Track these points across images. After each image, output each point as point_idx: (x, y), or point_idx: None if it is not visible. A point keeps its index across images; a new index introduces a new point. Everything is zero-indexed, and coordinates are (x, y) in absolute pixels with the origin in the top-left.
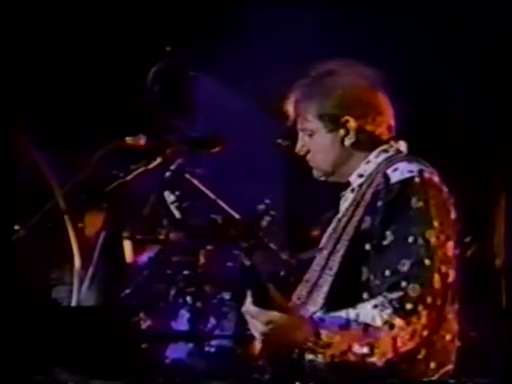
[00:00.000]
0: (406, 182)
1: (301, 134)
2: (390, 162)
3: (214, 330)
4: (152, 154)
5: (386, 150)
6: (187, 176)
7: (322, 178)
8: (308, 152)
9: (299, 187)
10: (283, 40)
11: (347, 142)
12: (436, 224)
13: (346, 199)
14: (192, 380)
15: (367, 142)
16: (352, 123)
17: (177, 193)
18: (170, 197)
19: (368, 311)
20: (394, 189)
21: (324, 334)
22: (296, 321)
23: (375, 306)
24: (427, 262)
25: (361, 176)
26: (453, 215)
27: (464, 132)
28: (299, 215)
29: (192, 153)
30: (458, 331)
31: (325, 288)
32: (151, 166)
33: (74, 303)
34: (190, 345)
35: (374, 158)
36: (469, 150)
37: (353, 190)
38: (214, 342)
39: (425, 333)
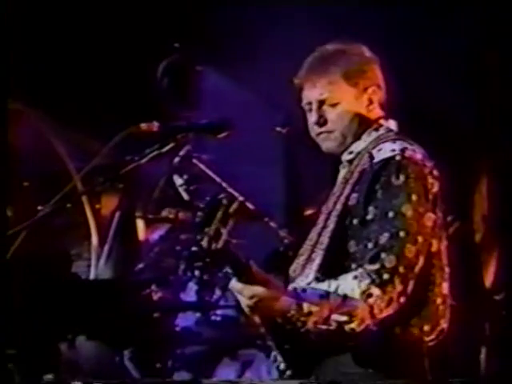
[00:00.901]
0: (388, 161)
1: (316, 107)
2: (378, 141)
3: (219, 300)
4: (164, 138)
5: (376, 129)
6: (195, 161)
7: (333, 151)
8: (325, 123)
9: (296, 169)
10: (282, 35)
11: (366, 111)
12: (414, 198)
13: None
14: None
15: (367, 119)
16: (373, 95)
17: (185, 176)
18: (178, 180)
19: (348, 282)
20: (377, 167)
21: (305, 304)
22: (278, 293)
23: (355, 277)
24: (402, 234)
25: (351, 153)
26: (435, 188)
27: (450, 116)
28: (296, 196)
29: (201, 137)
30: (448, 292)
31: (316, 261)
32: (164, 149)
33: (91, 276)
34: (198, 314)
35: (366, 137)
36: (455, 133)
37: (344, 167)
38: (219, 312)
39: (401, 299)
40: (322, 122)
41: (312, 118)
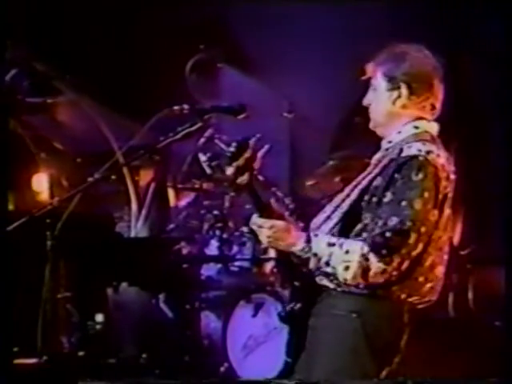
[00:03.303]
0: (412, 158)
1: (370, 90)
2: (413, 138)
3: (236, 254)
4: (193, 119)
5: (416, 127)
6: (216, 141)
7: (373, 128)
8: (370, 104)
9: (299, 148)
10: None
11: (397, 104)
12: (426, 195)
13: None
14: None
15: (409, 113)
16: (404, 90)
17: (208, 154)
18: (202, 157)
19: (353, 243)
20: (402, 161)
21: (314, 241)
22: (293, 227)
23: (361, 241)
24: (409, 222)
25: (390, 142)
26: (447, 190)
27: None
28: (298, 170)
29: (222, 121)
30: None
31: (334, 221)
32: (194, 128)
33: (131, 235)
34: (219, 265)
35: (405, 131)
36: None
37: (381, 151)
38: (236, 263)
39: (394, 273)
40: (367, 103)
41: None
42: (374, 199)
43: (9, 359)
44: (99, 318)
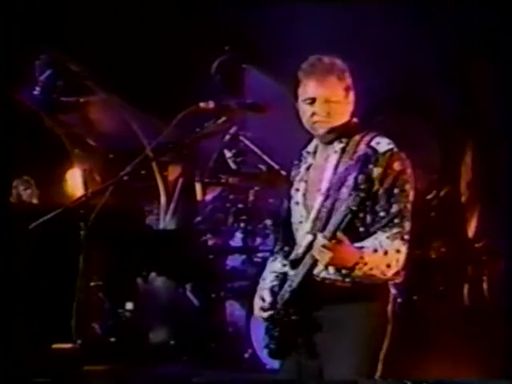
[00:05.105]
0: (391, 152)
1: (323, 102)
2: (363, 134)
3: (259, 246)
4: (218, 114)
5: (354, 124)
6: (241, 138)
7: (326, 135)
8: (328, 115)
9: None
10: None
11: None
12: (410, 179)
13: (327, 154)
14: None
15: (350, 114)
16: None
17: (233, 151)
18: (228, 153)
19: (384, 241)
20: (384, 156)
21: (365, 255)
22: (349, 244)
23: (388, 238)
24: (408, 205)
25: (341, 142)
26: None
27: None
28: None
29: (245, 119)
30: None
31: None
32: (219, 121)
33: (160, 227)
34: (243, 256)
35: (350, 130)
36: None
37: (335, 152)
38: (259, 255)
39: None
40: (325, 113)
41: (312, 109)
42: (362, 194)
43: (47, 344)
44: (129, 305)
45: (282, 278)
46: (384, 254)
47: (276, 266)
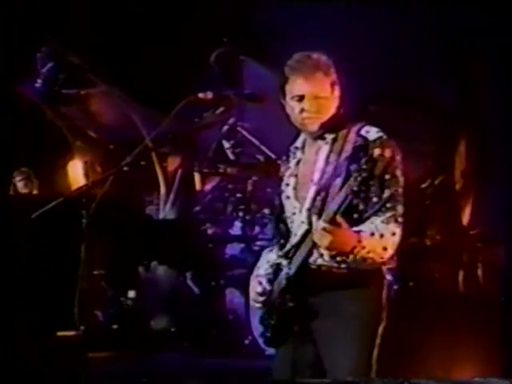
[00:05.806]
0: (381, 139)
1: (312, 98)
2: (352, 125)
3: (258, 234)
4: (217, 104)
5: (343, 115)
6: (239, 129)
7: (317, 131)
8: (318, 111)
9: None
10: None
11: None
12: (400, 165)
13: (318, 147)
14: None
15: (337, 107)
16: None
17: (231, 141)
18: (226, 144)
19: (380, 225)
20: (374, 144)
21: (363, 239)
22: (349, 233)
23: (382, 222)
24: (400, 190)
25: (331, 132)
26: None
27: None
28: None
29: (243, 110)
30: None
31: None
32: (217, 111)
33: (161, 217)
34: (242, 245)
35: (339, 121)
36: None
37: (327, 143)
38: (258, 243)
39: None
40: (314, 109)
41: (301, 106)
42: (359, 178)
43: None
44: (131, 294)
45: (276, 268)
46: (380, 236)
47: (272, 256)
